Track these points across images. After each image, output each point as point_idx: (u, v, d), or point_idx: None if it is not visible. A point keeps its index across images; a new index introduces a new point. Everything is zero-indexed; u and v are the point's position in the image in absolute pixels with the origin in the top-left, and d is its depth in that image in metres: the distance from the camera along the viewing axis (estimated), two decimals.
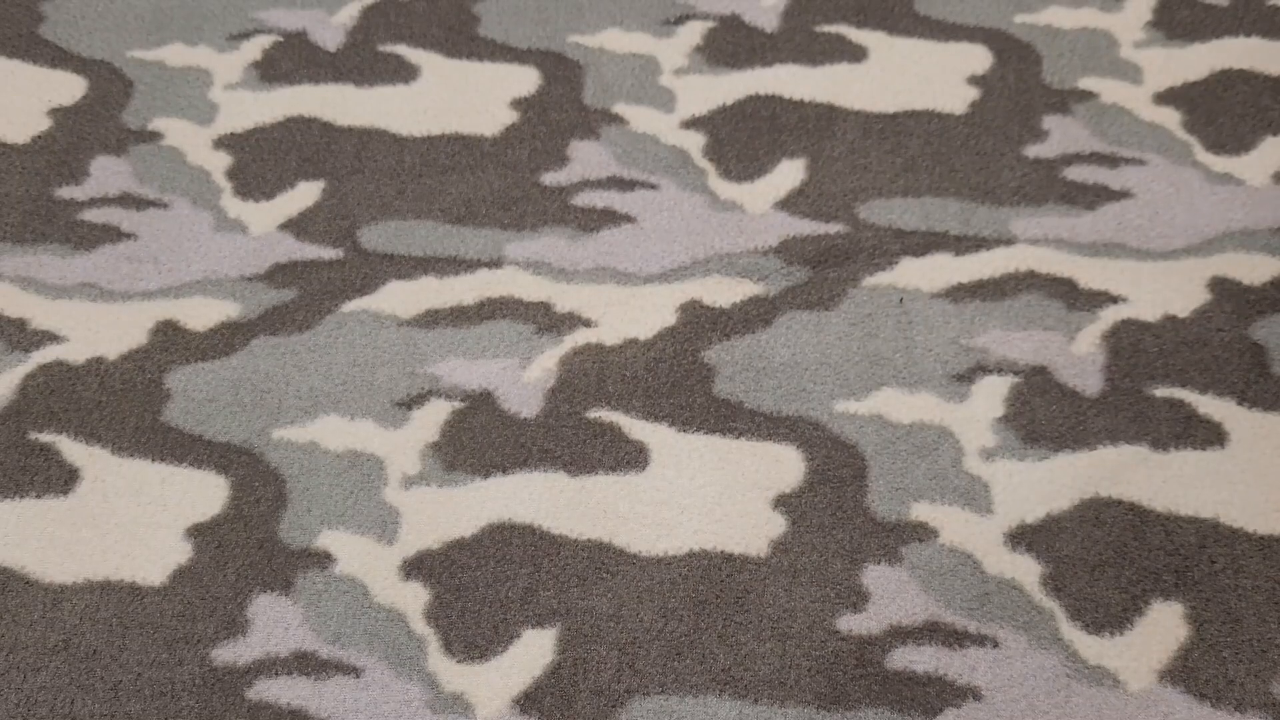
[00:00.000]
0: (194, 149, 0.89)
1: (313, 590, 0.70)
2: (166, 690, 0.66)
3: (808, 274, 0.82)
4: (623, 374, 0.77)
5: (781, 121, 0.89)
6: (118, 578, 0.71)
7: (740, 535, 0.71)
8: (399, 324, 0.80)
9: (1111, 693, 0.65)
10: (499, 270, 0.83)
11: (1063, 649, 0.66)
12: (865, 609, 0.68)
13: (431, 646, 0.67)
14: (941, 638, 0.67)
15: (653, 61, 0.93)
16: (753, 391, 0.77)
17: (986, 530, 0.71)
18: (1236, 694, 0.65)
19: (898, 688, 0.66)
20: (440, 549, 0.71)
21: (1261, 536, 0.69)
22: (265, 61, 0.94)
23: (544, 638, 0.68)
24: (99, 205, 0.86)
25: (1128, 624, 0.67)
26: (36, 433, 0.76)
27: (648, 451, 0.75)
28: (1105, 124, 0.89)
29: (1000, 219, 0.84)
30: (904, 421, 0.75)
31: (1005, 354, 0.77)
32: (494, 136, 0.89)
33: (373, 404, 0.77)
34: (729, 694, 0.66)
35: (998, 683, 0.65)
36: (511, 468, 0.74)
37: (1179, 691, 0.65)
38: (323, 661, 0.67)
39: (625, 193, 0.86)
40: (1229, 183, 0.85)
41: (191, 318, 0.81)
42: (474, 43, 0.95)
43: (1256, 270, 0.80)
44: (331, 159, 0.88)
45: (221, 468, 0.75)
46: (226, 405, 0.77)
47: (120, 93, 0.92)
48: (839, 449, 0.74)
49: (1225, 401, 0.74)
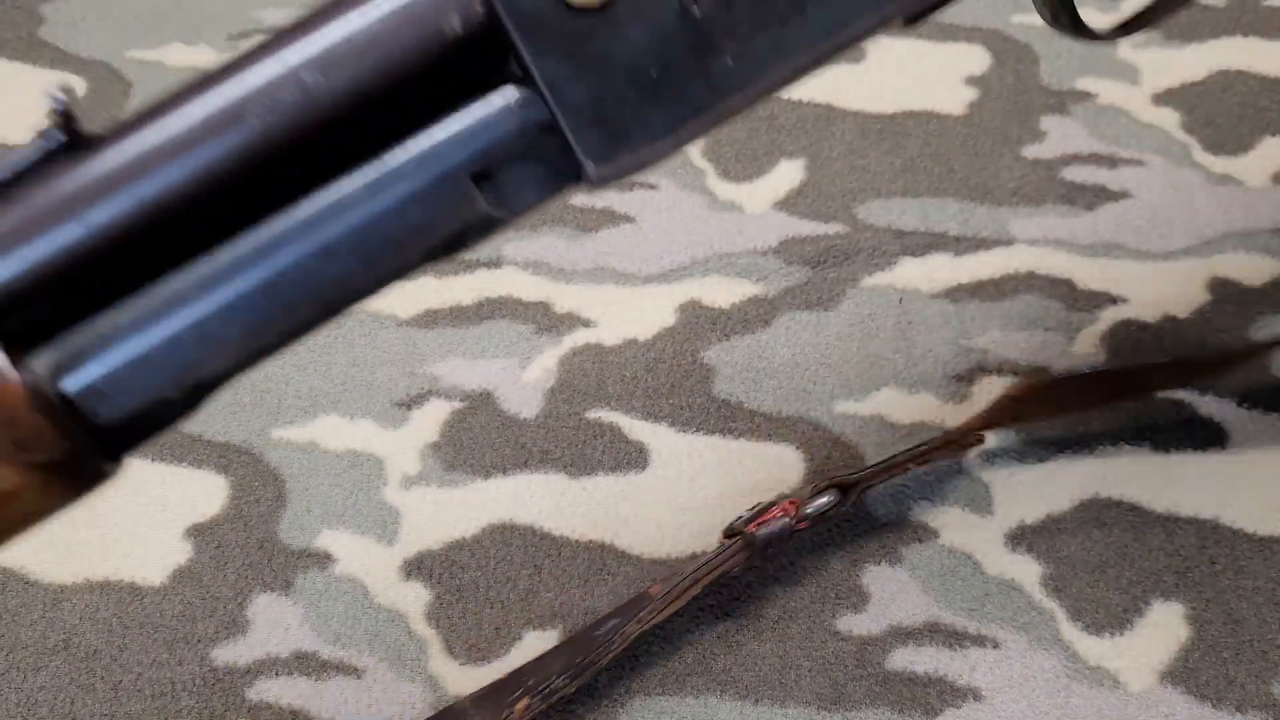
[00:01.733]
0: None
1: (313, 590, 0.70)
2: (167, 690, 0.66)
3: (807, 274, 0.82)
4: (622, 374, 0.77)
5: (780, 122, 0.90)
6: (117, 578, 0.71)
7: None
8: (398, 324, 0.80)
9: (1112, 693, 0.65)
10: (498, 270, 0.83)
11: (1063, 649, 0.67)
12: (865, 609, 0.68)
13: (433, 648, 0.67)
14: (941, 638, 0.67)
15: None
16: (753, 391, 0.77)
17: (986, 531, 0.71)
18: (1237, 694, 0.65)
19: (898, 688, 0.66)
20: (440, 549, 0.71)
21: (1261, 537, 0.69)
22: None
23: (545, 639, 0.68)
24: None
25: (1128, 624, 0.67)
26: None
27: (648, 452, 0.75)
28: (1104, 124, 0.89)
29: (999, 219, 0.84)
30: (904, 422, 0.75)
31: (1005, 354, 0.78)
32: None
33: (372, 404, 0.77)
34: (729, 694, 0.66)
35: (998, 683, 0.66)
36: (512, 468, 0.74)
37: (1179, 692, 0.65)
38: (323, 662, 0.67)
39: (624, 193, 0.86)
40: (1228, 183, 0.85)
41: None
42: None
43: (1256, 270, 0.80)
44: None
45: (221, 467, 0.75)
46: (226, 405, 0.77)
47: (119, 93, 0.92)
48: (839, 449, 0.74)
49: (1225, 402, 0.74)
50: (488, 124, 0.38)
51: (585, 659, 0.58)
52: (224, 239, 0.38)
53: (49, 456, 0.36)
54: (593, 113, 0.38)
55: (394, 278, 0.39)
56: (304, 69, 0.36)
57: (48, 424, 0.36)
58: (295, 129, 0.37)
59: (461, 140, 0.38)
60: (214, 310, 0.37)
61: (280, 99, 0.36)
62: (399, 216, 0.38)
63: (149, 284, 0.37)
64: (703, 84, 0.39)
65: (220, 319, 0.37)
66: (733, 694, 0.66)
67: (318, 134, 0.37)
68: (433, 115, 0.38)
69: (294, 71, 0.36)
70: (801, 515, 0.67)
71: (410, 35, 0.37)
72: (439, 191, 0.38)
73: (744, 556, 0.65)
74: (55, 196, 0.37)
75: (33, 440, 0.35)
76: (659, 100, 0.39)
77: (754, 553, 0.65)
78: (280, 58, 0.37)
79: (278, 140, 0.37)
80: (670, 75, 0.39)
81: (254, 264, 0.37)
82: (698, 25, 0.39)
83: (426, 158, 0.38)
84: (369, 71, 0.37)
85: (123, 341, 0.37)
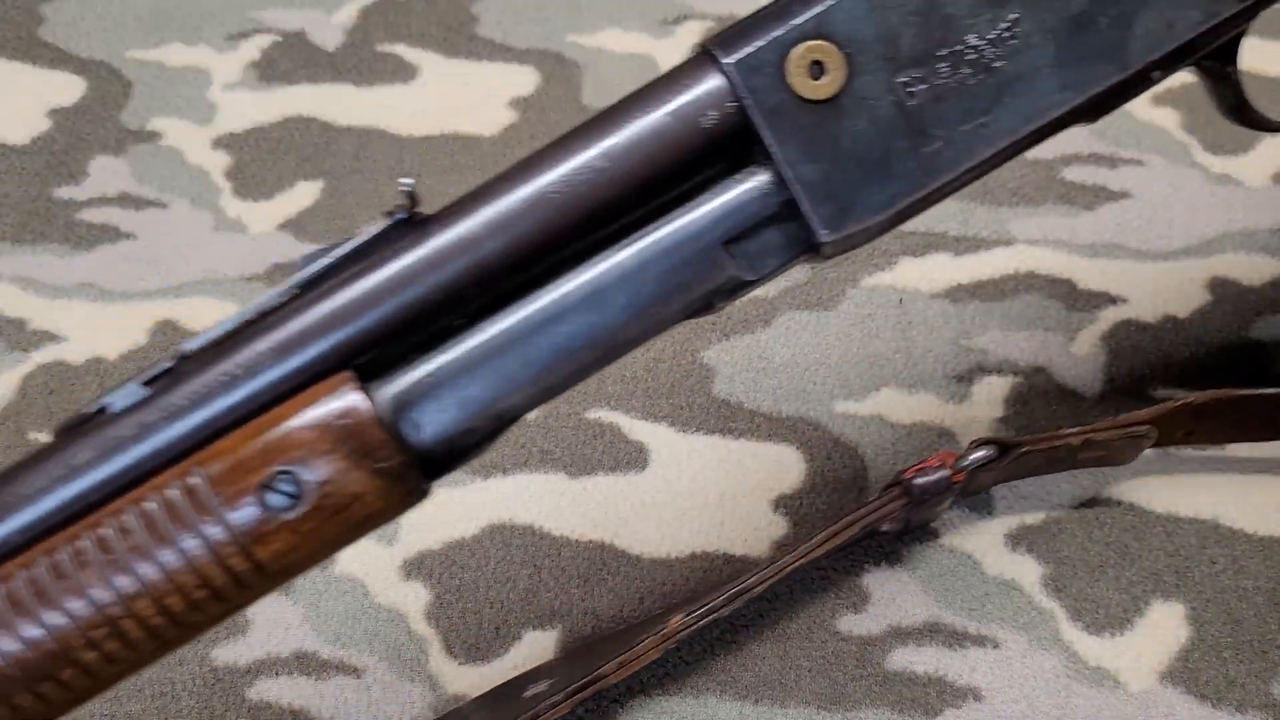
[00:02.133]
0: (193, 149, 0.89)
1: (313, 590, 0.69)
2: (167, 690, 0.66)
3: (807, 274, 0.82)
4: (622, 374, 0.77)
5: None
6: None
7: (741, 537, 0.71)
8: None
9: (1112, 693, 0.65)
10: None
11: (1063, 649, 0.67)
12: (865, 609, 0.68)
13: (433, 647, 0.67)
14: (942, 638, 0.67)
15: (651, 61, 0.93)
16: (752, 391, 0.77)
17: (987, 531, 0.71)
18: (1238, 694, 0.65)
19: (898, 688, 0.66)
20: (440, 549, 0.71)
21: (1261, 537, 0.69)
22: (264, 61, 0.94)
23: (545, 639, 0.68)
24: (98, 205, 0.86)
25: (1128, 624, 0.67)
26: (36, 433, 0.76)
27: (647, 452, 0.75)
28: (1104, 124, 0.88)
29: (999, 219, 0.84)
30: (904, 422, 0.75)
31: (1005, 354, 0.77)
32: (493, 137, 0.89)
33: None
34: (729, 694, 0.66)
35: (998, 683, 0.66)
36: (511, 468, 0.74)
37: (1180, 692, 0.65)
38: (323, 661, 0.67)
39: None
40: (1228, 183, 0.85)
41: (191, 318, 0.81)
42: (473, 42, 0.95)
43: (1256, 270, 0.80)
44: (330, 159, 0.88)
45: None
46: None
47: (119, 93, 0.92)
48: (839, 449, 0.74)
49: None
50: (737, 200, 0.46)
51: (737, 586, 0.59)
52: (526, 294, 0.46)
53: (389, 465, 0.44)
54: (824, 189, 0.46)
55: (658, 331, 0.47)
56: (595, 158, 0.46)
57: (389, 438, 0.44)
58: (587, 206, 0.46)
59: (716, 214, 0.46)
60: (517, 359, 0.46)
61: (576, 181, 0.46)
62: (665, 278, 0.46)
63: (465, 332, 0.46)
64: (917, 165, 0.47)
65: (521, 366, 0.46)
66: (733, 694, 0.66)
67: (604, 210, 0.46)
68: (692, 192, 0.47)
69: (588, 161, 0.46)
70: (959, 467, 0.66)
71: (676, 129, 0.46)
72: (698, 258, 0.46)
73: (901, 505, 0.65)
74: (403, 262, 0.46)
75: (377, 450, 0.44)
76: (880, 178, 0.47)
77: (911, 501, 0.65)
78: (575, 150, 0.46)
79: (573, 215, 0.46)
80: (889, 157, 0.46)
81: (549, 320, 0.46)
82: (911, 115, 0.46)
83: (688, 228, 0.46)
84: (644, 158, 0.46)
85: (443, 385, 0.46)
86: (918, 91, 0.46)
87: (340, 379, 0.45)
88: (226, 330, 0.46)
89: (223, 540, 0.43)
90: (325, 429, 0.44)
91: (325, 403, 0.44)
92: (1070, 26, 0.47)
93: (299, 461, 0.44)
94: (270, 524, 0.44)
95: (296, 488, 0.44)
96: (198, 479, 0.44)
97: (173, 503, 0.43)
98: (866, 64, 0.46)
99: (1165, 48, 0.49)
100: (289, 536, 0.44)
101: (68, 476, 0.45)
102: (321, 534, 0.44)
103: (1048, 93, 0.48)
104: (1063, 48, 0.47)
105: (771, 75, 0.45)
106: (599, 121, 0.46)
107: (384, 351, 0.46)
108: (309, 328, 0.45)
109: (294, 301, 0.46)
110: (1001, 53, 0.47)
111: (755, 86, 0.45)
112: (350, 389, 0.44)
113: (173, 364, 0.46)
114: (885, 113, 0.46)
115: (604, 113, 0.47)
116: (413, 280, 0.45)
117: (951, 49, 0.47)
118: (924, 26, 0.46)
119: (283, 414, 0.44)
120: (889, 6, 0.46)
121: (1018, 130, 0.48)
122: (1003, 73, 0.47)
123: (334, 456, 0.44)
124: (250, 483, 0.43)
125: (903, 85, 0.46)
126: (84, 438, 0.45)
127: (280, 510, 0.44)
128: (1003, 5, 0.47)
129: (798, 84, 0.45)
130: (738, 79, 0.45)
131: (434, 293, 0.45)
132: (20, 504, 0.45)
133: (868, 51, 0.46)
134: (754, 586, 0.61)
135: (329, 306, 0.45)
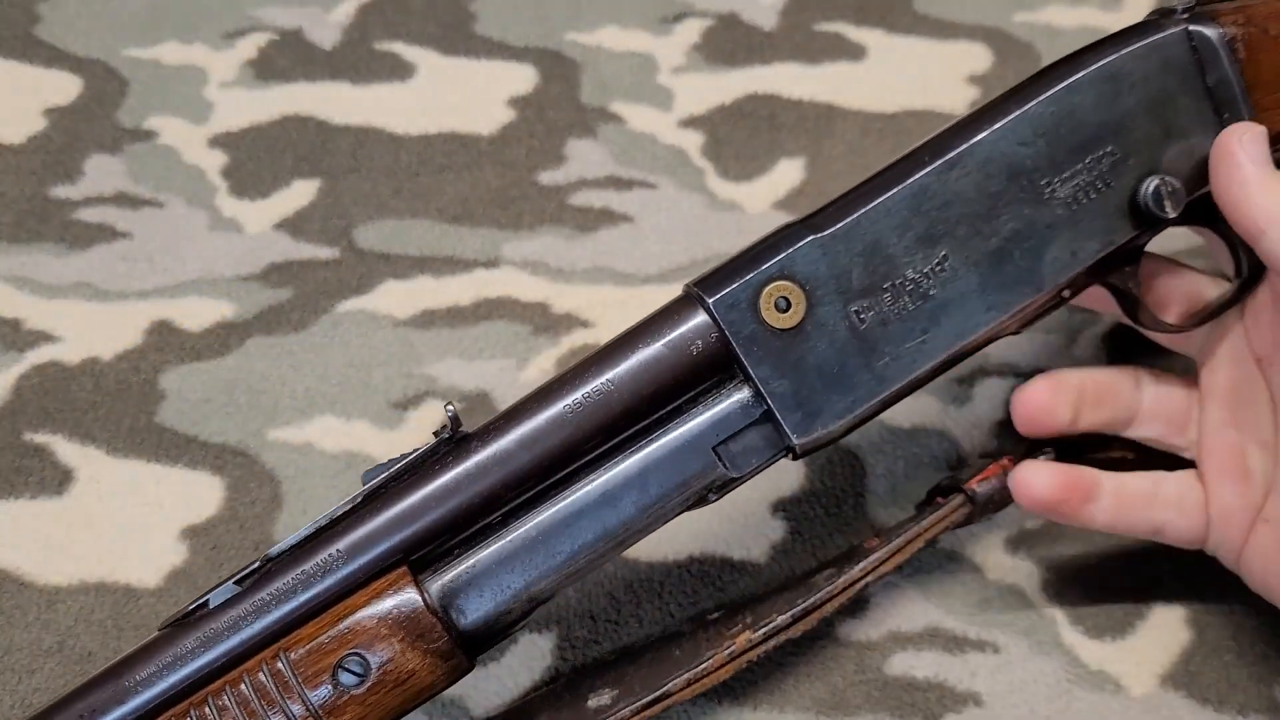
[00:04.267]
0: (189, 148, 0.88)
1: None
2: None
3: None
4: None
5: (780, 120, 0.89)
6: (112, 579, 0.71)
7: (740, 540, 0.71)
8: (395, 324, 0.80)
9: (1113, 698, 0.65)
10: (496, 270, 0.82)
11: (1064, 654, 0.66)
12: (865, 614, 0.68)
13: None
14: (941, 643, 0.67)
15: (650, 60, 0.93)
16: None
17: (987, 535, 0.71)
18: (1239, 698, 0.65)
19: (897, 693, 0.65)
20: None
21: None
22: (261, 59, 0.93)
23: (544, 640, 0.68)
24: (94, 204, 0.85)
25: (1129, 628, 0.67)
26: (31, 433, 0.76)
27: None
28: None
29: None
30: (904, 425, 0.75)
31: (1005, 355, 0.77)
32: (491, 135, 0.89)
33: (368, 405, 0.77)
34: (728, 699, 0.65)
35: (998, 688, 0.65)
36: None
37: (1181, 696, 0.65)
38: None
39: (623, 192, 0.85)
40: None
41: (186, 318, 0.80)
42: (470, 40, 0.94)
43: None
44: (327, 158, 0.88)
45: (216, 469, 0.74)
46: (221, 406, 0.77)
47: (115, 91, 0.91)
48: (838, 452, 0.74)
49: None
50: (724, 412, 0.55)
51: (807, 602, 0.62)
52: (551, 494, 0.55)
53: (439, 645, 0.52)
54: (794, 400, 0.54)
55: (661, 523, 0.55)
56: (604, 383, 0.54)
57: (439, 623, 0.52)
58: (600, 422, 0.54)
59: (706, 424, 0.55)
60: (544, 552, 0.54)
61: (589, 403, 0.54)
62: (667, 479, 0.55)
63: (500, 530, 0.55)
64: (870, 377, 0.55)
65: (548, 557, 0.54)
66: (731, 699, 0.65)
67: (613, 425, 0.54)
68: (686, 406, 0.55)
69: (599, 385, 0.54)
70: None
71: (671, 357, 0.54)
72: (693, 460, 0.55)
73: (965, 513, 0.65)
74: (448, 476, 0.54)
75: (430, 633, 0.52)
76: (840, 389, 0.55)
77: (975, 509, 0.65)
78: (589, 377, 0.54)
79: (589, 429, 0.54)
80: (846, 372, 0.55)
81: (570, 519, 0.54)
82: (863, 336, 0.55)
83: (684, 436, 0.55)
84: (646, 380, 0.54)
85: (483, 577, 0.54)
86: (867, 317, 0.55)
87: (399, 575, 0.53)
88: (305, 535, 0.54)
89: (303, 714, 0.52)
90: (388, 618, 0.52)
91: (388, 597, 0.53)
92: (992, 259, 0.56)
93: (365, 645, 0.52)
94: (343, 698, 0.52)
95: (364, 667, 0.52)
96: (282, 664, 0.52)
97: (261, 685, 0.52)
98: (823, 297, 0.54)
99: (1071, 271, 0.57)
100: (356, 709, 0.52)
101: (174, 665, 0.53)
102: (383, 704, 0.52)
103: (976, 312, 0.56)
104: (986, 276, 0.56)
105: (746, 310, 0.54)
106: (607, 353, 0.55)
107: (434, 549, 0.54)
108: (373, 533, 0.53)
109: (359, 510, 0.54)
110: (935, 282, 0.55)
111: (733, 320, 0.54)
112: (407, 585, 0.53)
113: (260, 564, 0.54)
114: (841, 336, 0.55)
115: (610, 345, 0.55)
116: (457, 491, 0.54)
117: (893, 281, 0.55)
118: (869, 265, 0.55)
119: (353, 605, 0.53)
120: (840, 250, 0.54)
121: (953, 345, 0.56)
122: (937, 299, 0.55)
123: (394, 640, 0.52)
124: (327, 664, 0.52)
125: (855, 313, 0.55)
126: (187, 630, 0.53)
127: (351, 687, 0.52)
128: (934, 244, 0.55)
129: (768, 316, 0.54)
130: (719, 314, 0.54)
131: (474, 499, 0.54)
132: (136, 690, 0.53)
133: (824, 287, 0.54)
134: (823, 603, 0.62)
135: (389, 515, 0.54)
